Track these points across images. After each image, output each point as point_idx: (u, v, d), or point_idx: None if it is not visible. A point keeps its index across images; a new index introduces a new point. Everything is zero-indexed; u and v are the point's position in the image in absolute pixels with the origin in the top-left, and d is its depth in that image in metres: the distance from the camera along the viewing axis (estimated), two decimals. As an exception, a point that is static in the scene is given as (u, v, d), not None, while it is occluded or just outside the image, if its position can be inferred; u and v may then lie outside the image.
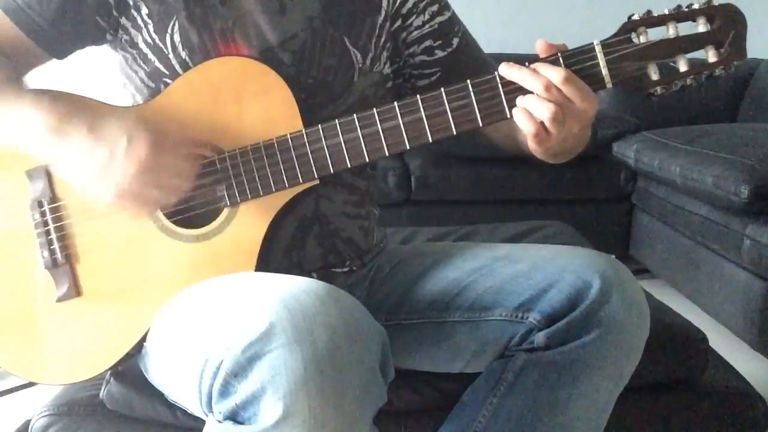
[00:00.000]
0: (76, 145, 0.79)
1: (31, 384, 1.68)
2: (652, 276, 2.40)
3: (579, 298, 0.84)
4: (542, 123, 0.78)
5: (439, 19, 1.01)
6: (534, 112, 0.78)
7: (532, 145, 0.81)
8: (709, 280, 1.98)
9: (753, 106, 2.93)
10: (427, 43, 1.01)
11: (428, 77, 1.01)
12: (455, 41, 1.01)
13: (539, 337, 0.85)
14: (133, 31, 0.90)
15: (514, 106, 0.81)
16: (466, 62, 0.79)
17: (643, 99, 0.84)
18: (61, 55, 0.91)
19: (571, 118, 0.78)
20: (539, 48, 0.81)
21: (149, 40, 0.89)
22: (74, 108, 0.82)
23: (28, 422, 1.04)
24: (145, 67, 0.90)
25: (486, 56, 1.05)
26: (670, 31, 0.81)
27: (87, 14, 0.88)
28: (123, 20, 0.89)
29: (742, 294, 1.79)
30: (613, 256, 0.91)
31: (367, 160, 0.85)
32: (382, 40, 0.98)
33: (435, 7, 1.01)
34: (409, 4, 0.99)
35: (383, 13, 0.98)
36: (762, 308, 1.72)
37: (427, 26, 1.00)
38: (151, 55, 0.89)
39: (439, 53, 1.01)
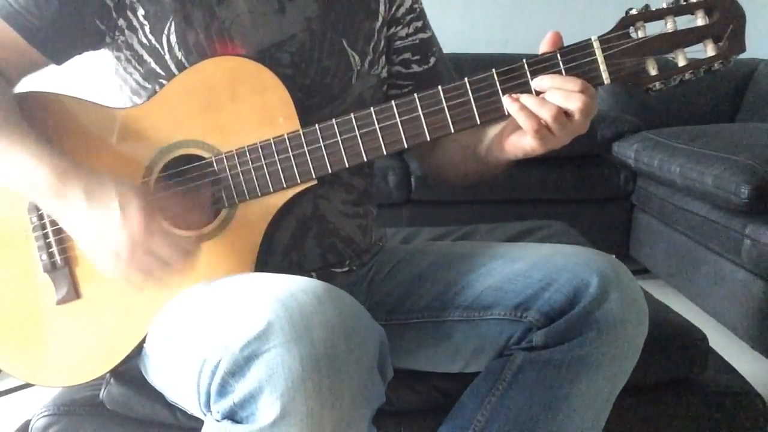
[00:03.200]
0: (73, 210, 0.78)
1: (31, 384, 1.68)
2: (652, 276, 2.40)
3: (577, 296, 0.83)
4: (545, 122, 0.80)
5: (421, 35, 1.03)
6: (537, 112, 0.80)
7: (533, 143, 0.82)
8: (709, 280, 1.98)
9: (753, 106, 2.93)
10: (406, 55, 1.03)
11: (400, 88, 1.03)
12: (432, 60, 1.04)
13: (538, 336, 0.85)
14: (128, 32, 0.89)
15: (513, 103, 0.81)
16: (440, 82, 0.81)
17: (643, 98, 0.85)
18: (60, 59, 0.90)
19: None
20: (547, 40, 0.82)
21: (145, 42, 0.89)
22: (72, 164, 0.80)
23: (28, 422, 1.03)
24: (140, 69, 0.90)
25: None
26: (668, 25, 0.81)
27: (87, 17, 0.87)
28: (120, 21, 0.89)
29: (742, 294, 1.79)
30: (613, 256, 0.91)
31: (365, 159, 0.85)
32: (381, 45, 0.99)
33: (419, 23, 1.03)
34: (399, 14, 1.01)
35: (380, 19, 0.99)
36: (762, 308, 1.72)
37: (409, 39, 1.02)
38: (146, 56, 0.89)
39: (416, 68, 1.03)
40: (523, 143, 0.84)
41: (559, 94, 0.79)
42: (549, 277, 0.86)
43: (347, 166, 0.85)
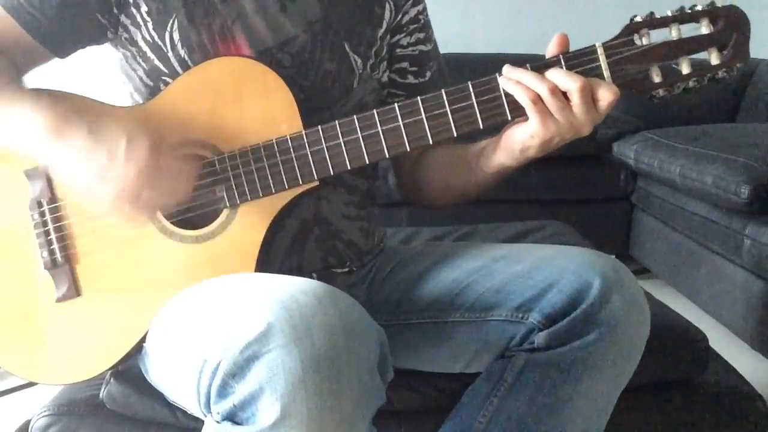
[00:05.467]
0: (74, 146, 0.78)
1: (31, 384, 1.67)
2: (652, 276, 2.40)
3: (579, 298, 0.83)
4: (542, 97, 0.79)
5: (422, 47, 1.03)
6: (533, 87, 0.80)
7: (533, 125, 0.81)
8: (709, 280, 1.98)
9: (753, 106, 2.93)
10: (404, 64, 1.02)
11: (392, 97, 1.03)
12: (428, 74, 1.04)
13: (540, 338, 0.85)
14: (132, 29, 0.89)
15: (515, 108, 0.81)
16: None
17: (643, 99, 0.85)
18: (63, 53, 0.90)
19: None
20: (554, 42, 0.82)
21: (148, 38, 0.89)
22: (73, 108, 0.81)
23: (28, 422, 1.03)
24: (144, 66, 0.90)
25: None
26: (673, 32, 0.81)
27: (87, 11, 0.87)
28: (123, 18, 0.89)
29: (742, 294, 1.79)
30: (613, 256, 0.91)
31: (367, 161, 0.85)
32: (383, 51, 0.99)
33: (422, 35, 1.03)
34: (403, 22, 1.01)
35: (385, 25, 0.99)
36: (762, 308, 1.72)
37: (409, 48, 1.02)
38: (150, 53, 0.89)
39: (411, 79, 1.03)
40: (522, 130, 0.83)
41: (558, 73, 0.79)
42: (551, 278, 0.86)
43: (349, 167, 0.85)
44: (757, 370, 1.62)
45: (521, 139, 0.84)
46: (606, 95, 0.79)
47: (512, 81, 0.81)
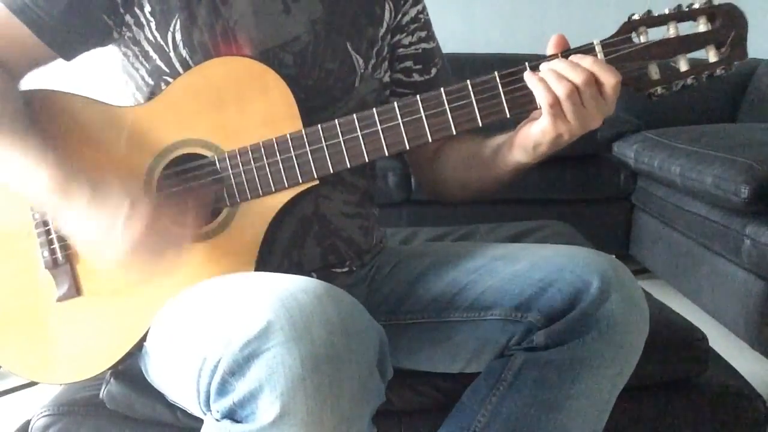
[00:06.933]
0: (77, 207, 0.79)
1: (31, 384, 1.68)
2: (652, 276, 2.40)
3: (578, 297, 0.83)
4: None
5: (424, 45, 1.03)
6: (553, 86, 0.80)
7: (547, 127, 0.81)
8: (709, 280, 1.98)
9: (753, 106, 2.93)
10: (408, 63, 1.03)
11: (399, 96, 1.03)
12: (434, 71, 1.04)
13: (539, 337, 0.85)
14: (135, 29, 0.90)
15: (514, 106, 0.81)
16: None
17: (643, 99, 0.85)
18: (69, 55, 0.91)
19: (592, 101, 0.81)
20: (552, 43, 0.82)
21: (151, 38, 0.89)
22: (77, 165, 0.81)
23: (28, 422, 1.04)
24: (146, 65, 0.91)
25: None
26: (671, 30, 0.81)
27: (94, 12, 0.88)
28: (127, 17, 0.89)
29: (742, 294, 1.79)
30: (613, 256, 0.91)
31: (367, 160, 0.85)
32: (385, 51, 0.99)
33: (423, 33, 1.03)
34: (403, 22, 1.01)
35: (385, 25, 0.99)
36: (762, 308, 1.72)
37: (412, 48, 1.02)
38: (152, 53, 0.90)
39: (416, 77, 1.03)
40: (534, 128, 0.83)
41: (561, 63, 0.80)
42: (549, 277, 0.86)
43: (349, 166, 0.85)
44: (757, 370, 1.62)
45: (533, 136, 0.84)
46: (609, 78, 0.79)
47: (535, 78, 0.80)
